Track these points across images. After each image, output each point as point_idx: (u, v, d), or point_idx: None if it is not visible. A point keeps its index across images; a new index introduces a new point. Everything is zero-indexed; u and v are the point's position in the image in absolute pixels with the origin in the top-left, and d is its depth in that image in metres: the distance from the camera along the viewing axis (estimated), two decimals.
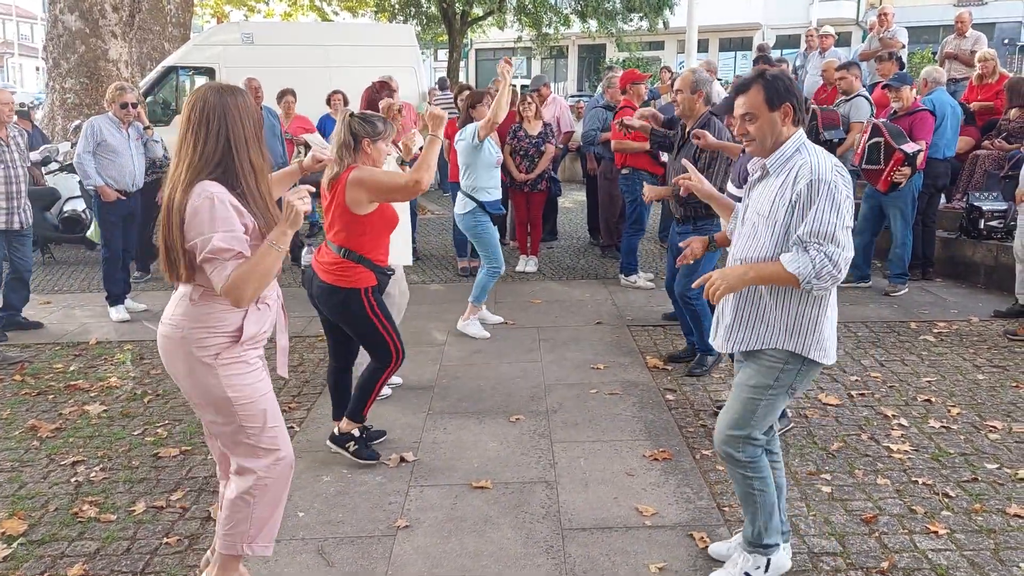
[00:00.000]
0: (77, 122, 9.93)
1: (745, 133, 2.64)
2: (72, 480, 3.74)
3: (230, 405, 2.52)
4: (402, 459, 3.87)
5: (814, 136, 7.35)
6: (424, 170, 3.54)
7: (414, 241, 8.75)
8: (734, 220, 2.92)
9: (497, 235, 5.94)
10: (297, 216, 2.39)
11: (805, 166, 2.51)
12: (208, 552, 2.96)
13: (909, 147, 6.20)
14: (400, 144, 5.02)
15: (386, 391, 4.70)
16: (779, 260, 2.53)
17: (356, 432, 3.88)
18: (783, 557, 2.91)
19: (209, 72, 12.35)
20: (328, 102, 9.48)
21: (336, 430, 3.90)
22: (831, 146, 7.20)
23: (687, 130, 4.87)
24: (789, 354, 2.65)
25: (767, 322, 2.65)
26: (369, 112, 3.88)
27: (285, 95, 8.99)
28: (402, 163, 4.87)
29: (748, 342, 2.70)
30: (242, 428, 2.55)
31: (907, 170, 6.26)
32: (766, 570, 2.84)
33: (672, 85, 6.04)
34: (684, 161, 3.33)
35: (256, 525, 2.65)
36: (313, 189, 2.51)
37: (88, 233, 8.38)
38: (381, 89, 4.96)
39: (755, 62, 9.09)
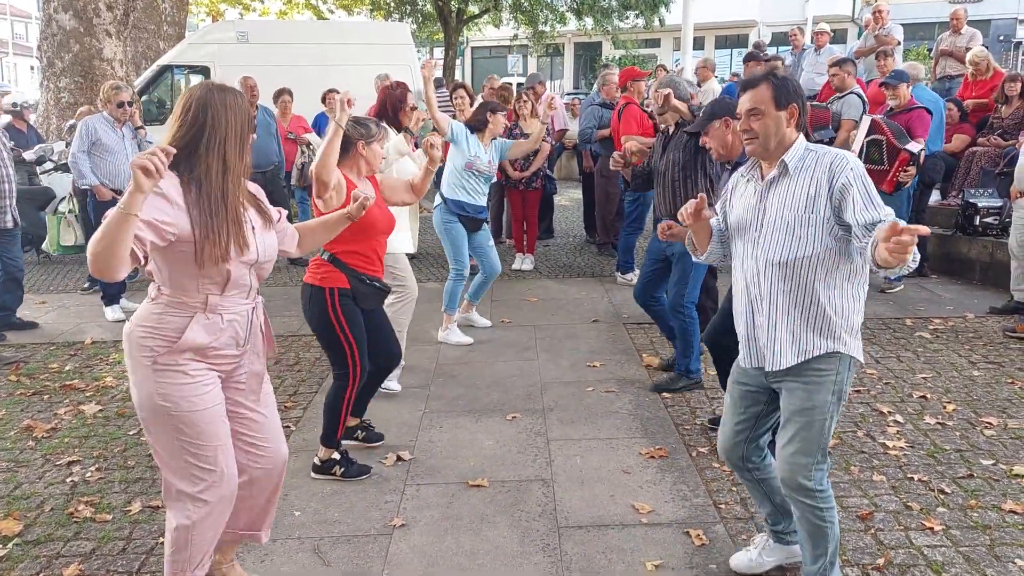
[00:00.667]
0: (72, 121, 9.91)
1: (748, 129, 2.55)
2: (68, 480, 3.73)
3: (164, 414, 2.37)
4: (398, 458, 3.86)
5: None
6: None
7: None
8: (723, 244, 2.84)
9: (464, 238, 5.66)
10: (141, 177, 2.03)
11: (835, 156, 2.45)
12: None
13: (913, 146, 6.20)
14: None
15: (395, 386, 4.69)
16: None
17: (336, 456, 3.69)
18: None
19: (204, 71, 12.32)
20: (324, 100, 9.46)
21: (317, 460, 3.70)
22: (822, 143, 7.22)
23: (670, 131, 4.81)
24: (841, 357, 2.51)
25: (829, 322, 2.49)
26: (360, 116, 3.82)
27: (282, 94, 8.97)
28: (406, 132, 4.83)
29: (807, 350, 2.51)
30: (177, 443, 2.39)
31: (912, 170, 6.24)
32: None
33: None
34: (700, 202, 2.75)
35: (194, 554, 2.50)
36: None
37: (43, 245, 8.35)
38: (398, 88, 4.82)
39: (746, 59, 9.08)
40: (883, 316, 6.08)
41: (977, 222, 7.06)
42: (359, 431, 3.99)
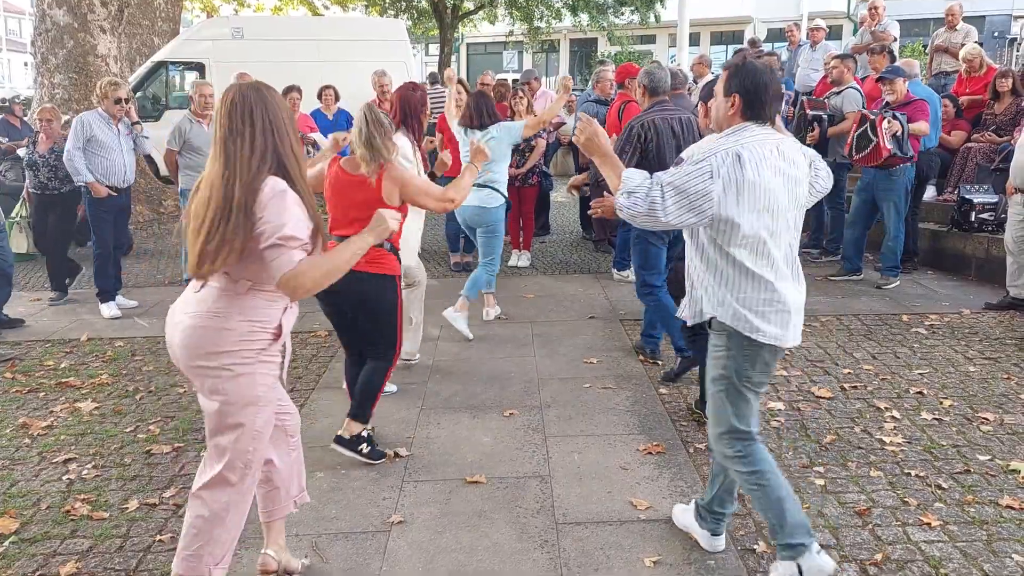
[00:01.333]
0: (67, 117, 9.86)
1: (706, 112, 2.87)
2: (64, 478, 3.72)
3: (254, 404, 2.44)
4: (396, 454, 3.86)
5: (802, 120, 7.40)
6: (458, 191, 3.75)
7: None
8: None
9: None
10: (383, 227, 2.55)
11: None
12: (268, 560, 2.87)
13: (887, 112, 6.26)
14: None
15: (391, 387, 4.64)
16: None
17: (365, 433, 3.78)
18: (819, 559, 2.67)
19: (199, 67, 12.30)
20: (319, 97, 9.43)
21: (345, 433, 3.76)
22: (821, 122, 7.23)
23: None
24: (726, 334, 2.71)
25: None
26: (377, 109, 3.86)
27: (290, 92, 8.78)
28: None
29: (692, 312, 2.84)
30: (248, 432, 2.45)
31: (896, 122, 6.20)
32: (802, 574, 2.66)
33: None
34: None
35: (223, 545, 2.52)
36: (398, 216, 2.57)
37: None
38: (416, 89, 4.77)
39: (757, 55, 9.07)
40: (879, 312, 6.09)
41: (973, 218, 7.07)
42: (365, 444, 3.81)
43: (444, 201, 3.71)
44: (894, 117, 6.23)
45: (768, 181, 2.56)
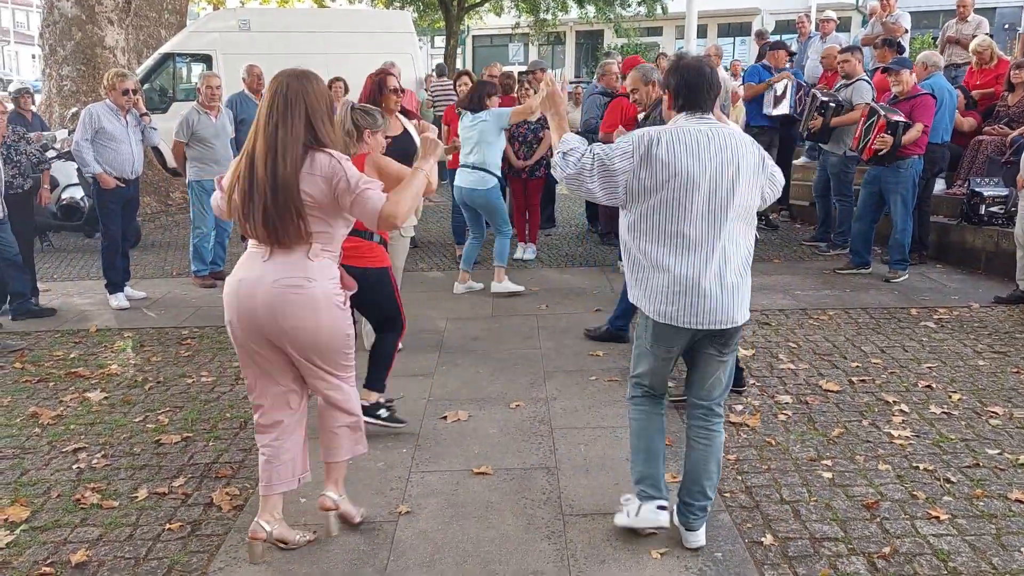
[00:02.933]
0: (75, 109, 9.88)
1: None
2: (74, 467, 3.74)
3: (349, 340, 2.93)
4: (403, 445, 3.87)
5: (811, 105, 7.37)
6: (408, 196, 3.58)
7: (415, 229, 8.74)
8: None
9: None
10: (434, 145, 2.98)
11: None
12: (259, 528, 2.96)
13: (893, 115, 6.20)
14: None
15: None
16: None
17: (383, 399, 4.02)
18: (653, 511, 3.01)
19: (206, 59, 12.30)
20: (328, 88, 9.39)
21: (364, 402, 3.83)
22: (827, 110, 7.19)
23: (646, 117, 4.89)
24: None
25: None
26: (367, 105, 4.04)
27: (335, 82, 8.64)
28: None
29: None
30: (347, 356, 2.96)
31: (888, 138, 6.25)
32: (637, 514, 3.03)
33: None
34: (548, 73, 3.44)
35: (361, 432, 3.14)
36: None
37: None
38: (379, 75, 5.01)
39: (773, 47, 8.99)
40: (887, 306, 6.07)
41: (982, 211, 7.03)
42: (384, 409, 4.03)
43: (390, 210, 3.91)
44: (892, 133, 6.22)
45: (683, 162, 2.72)
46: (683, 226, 2.75)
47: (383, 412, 3.99)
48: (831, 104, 7.12)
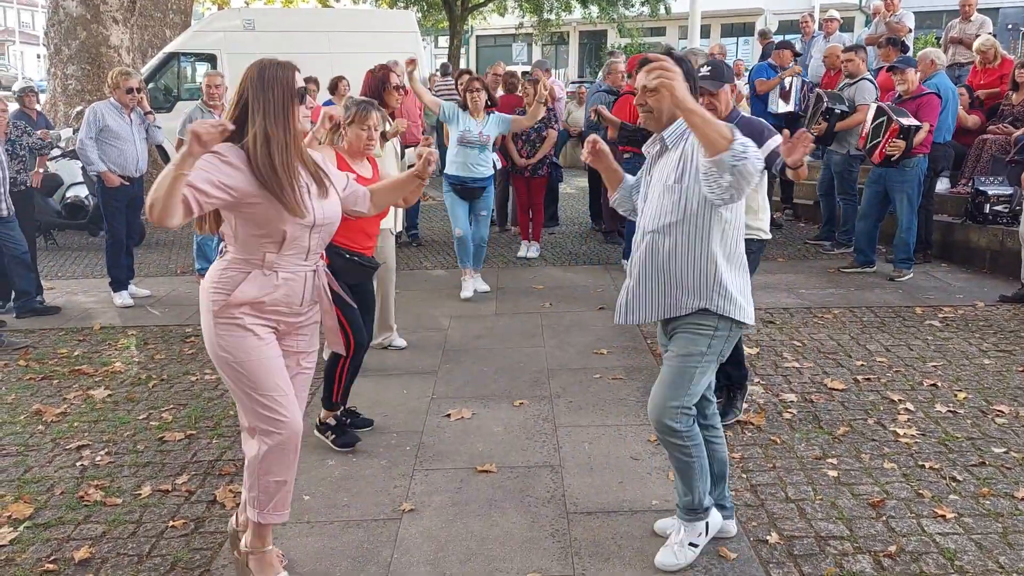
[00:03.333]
0: (79, 108, 9.89)
1: (643, 104, 2.71)
2: (77, 464, 3.74)
3: (224, 363, 2.59)
4: (407, 443, 3.86)
5: (816, 108, 7.35)
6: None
7: (415, 227, 8.75)
8: (633, 197, 3.01)
9: (459, 205, 6.38)
10: (195, 143, 2.28)
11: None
12: (232, 519, 2.95)
13: (906, 120, 6.17)
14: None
15: (400, 342, 5.19)
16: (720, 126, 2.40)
17: (332, 421, 3.86)
18: (718, 516, 2.99)
19: (211, 58, 12.30)
20: (331, 90, 9.41)
21: (318, 420, 3.90)
22: (832, 116, 7.17)
23: None
24: (717, 316, 2.71)
25: (695, 282, 2.70)
26: (362, 98, 3.96)
27: (307, 83, 8.68)
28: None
29: (676, 307, 2.74)
30: (239, 387, 2.60)
31: (901, 143, 6.22)
32: (706, 533, 2.93)
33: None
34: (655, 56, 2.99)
35: (265, 493, 2.68)
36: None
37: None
38: (380, 71, 4.97)
39: (778, 46, 8.98)
40: (892, 304, 6.05)
41: (987, 210, 7.02)
42: (344, 418, 3.93)
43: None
44: (904, 137, 6.18)
45: None
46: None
47: (330, 434, 3.85)
48: (836, 111, 7.10)
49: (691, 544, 2.89)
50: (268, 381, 2.60)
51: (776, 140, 3.54)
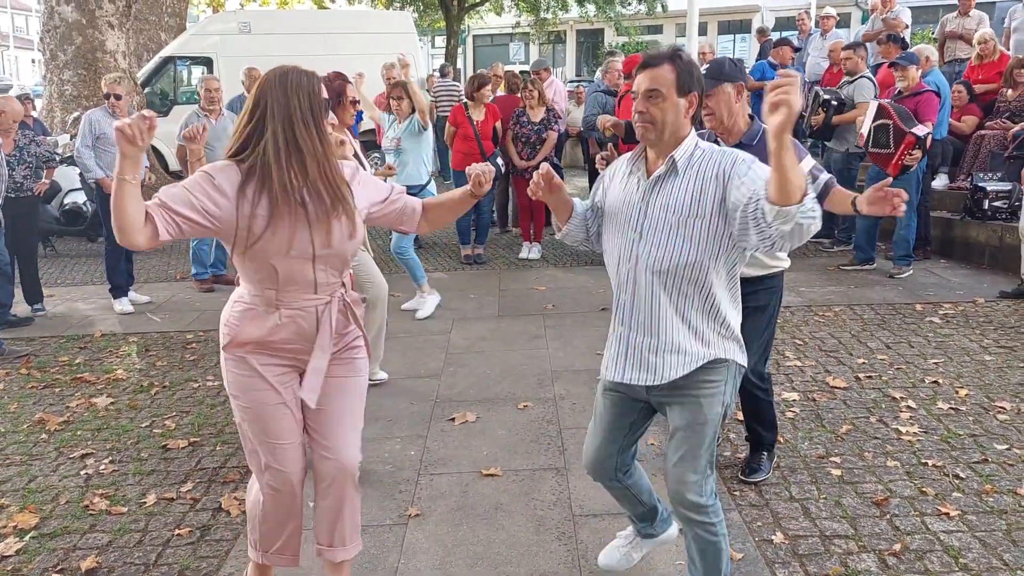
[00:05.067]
0: (76, 114, 9.89)
1: (643, 112, 2.27)
2: (82, 473, 3.74)
3: (231, 398, 2.45)
4: (412, 448, 3.86)
5: (813, 101, 7.35)
6: None
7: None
8: (588, 225, 2.61)
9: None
10: (125, 144, 2.09)
11: (727, 155, 2.27)
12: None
13: (919, 130, 6.16)
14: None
15: (382, 375, 4.68)
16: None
17: None
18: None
19: (207, 62, 12.31)
20: None
21: None
22: (829, 108, 7.18)
23: None
24: (728, 365, 2.37)
25: (712, 330, 2.35)
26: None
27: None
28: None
29: (691, 362, 2.32)
30: (246, 425, 2.44)
31: (918, 153, 6.21)
32: None
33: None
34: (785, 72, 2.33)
35: (264, 537, 2.58)
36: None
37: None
38: (336, 80, 4.73)
39: (776, 44, 8.99)
40: (892, 301, 6.06)
41: (986, 206, 7.02)
42: None
43: None
44: (920, 147, 6.14)
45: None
46: None
47: None
48: (833, 102, 7.11)
49: None
50: (269, 426, 2.41)
51: (809, 163, 3.08)
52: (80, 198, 8.63)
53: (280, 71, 2.32)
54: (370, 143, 10.19)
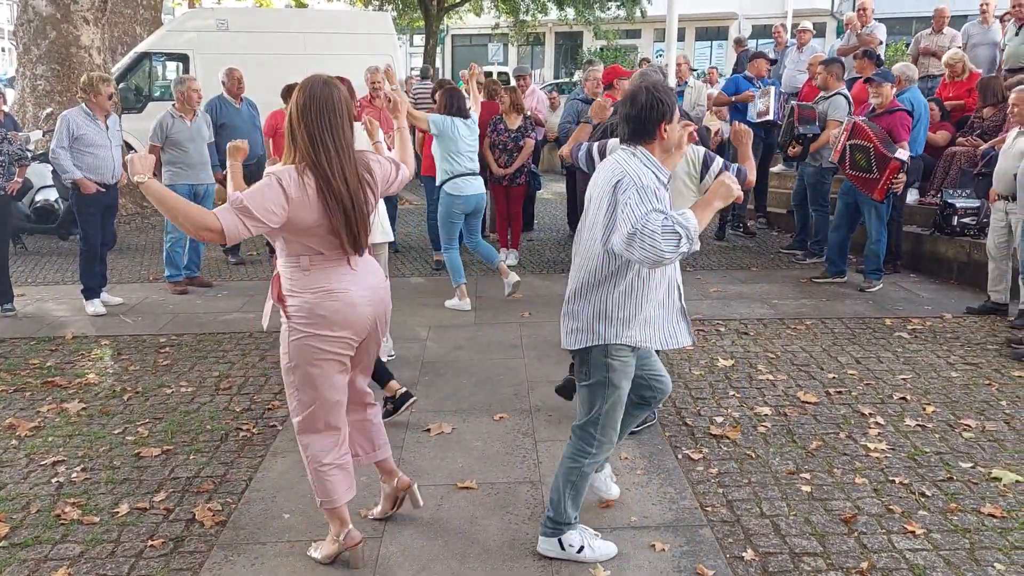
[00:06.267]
0: (49, 109, 9.75)
1: None
2: (53, 480, 3.70)
3: None
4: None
5: (789, 131, 7.43)
6: (408, 161, 3.42)
7: (395, 230, 8.72)
8: None
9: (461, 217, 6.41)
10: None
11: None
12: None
13: (902, 154, 6.27)
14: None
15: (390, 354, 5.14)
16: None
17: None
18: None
19: (183, 59, 12.18)
20: None
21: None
22: (805, 140, 7.28)
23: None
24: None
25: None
26: None
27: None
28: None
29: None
30: None
31: (903, 178, 6.35)
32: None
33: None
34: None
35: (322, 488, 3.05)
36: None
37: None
38: (341, 83, 4.80)
39: (752, 57, 9.08)
40: (863, 315, 6.17)
41: (955, 222, 7.16)
42: (388, 403, 4.25)
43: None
44: (904, 171, 6.29)
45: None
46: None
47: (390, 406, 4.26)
48: (809, 136, 7.24)
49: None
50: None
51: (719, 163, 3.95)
52: (51, 195, 8.52)
53: (321, 82, 2.81)
54: None
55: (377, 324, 2.98)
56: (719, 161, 3.95)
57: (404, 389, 4.28)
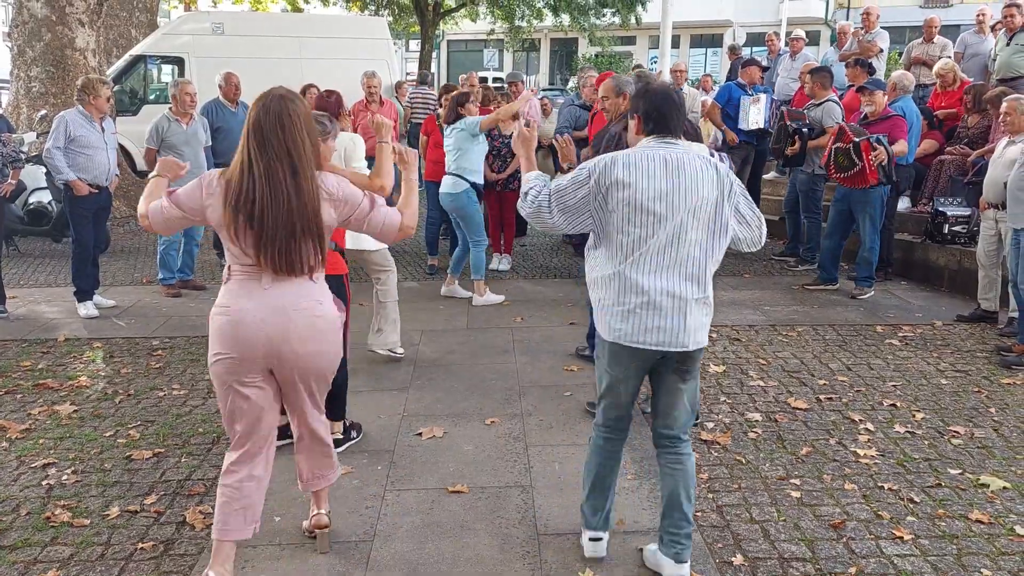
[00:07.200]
0: (43, 111, 9.74)
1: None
2: (44, 483, 3.70)
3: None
4: (378, 462, 3.88)
5: (781, 133, 7.48)
6: (384, 176, 3.75)
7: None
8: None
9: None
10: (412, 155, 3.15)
11: None
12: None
13: (871, 134, 6.35)
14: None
15: (400, 350, 5.31)
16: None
17: (346, 424, 4.09)
18: (585, 541, 3.16)
19: (178, 62, 12.19)
20: (302, 95, 9.36)
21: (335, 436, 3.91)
22: (802, 136, 7.32)
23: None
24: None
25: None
26: (316, 111, 3.91)
27: (308, 90, 8.59)
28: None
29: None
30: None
31: (881, 150, 6.33)
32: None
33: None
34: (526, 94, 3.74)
35: None
36: None
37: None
38: (332, 96, 4.85)
39: (744, 64, 9.12)
40: (854, 322, 6.20)
41: (946, 230, 7.20)
42: (352, 432, 4.12)
43: (376, 190, 3.60)
44: (879, 142, 6.32)
45: (638, 184, 2.75)
46: (637, 246, 2.79)
47: (354, 434, 4.13)
48: (805, 130, 7.26)
49: None
50: None
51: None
52: (45, 197, 8.50)
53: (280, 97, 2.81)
54: None
55: (283, 352, 2.69)
56: (718, 156, 3.96)
57: (347, 425, 4.10)
